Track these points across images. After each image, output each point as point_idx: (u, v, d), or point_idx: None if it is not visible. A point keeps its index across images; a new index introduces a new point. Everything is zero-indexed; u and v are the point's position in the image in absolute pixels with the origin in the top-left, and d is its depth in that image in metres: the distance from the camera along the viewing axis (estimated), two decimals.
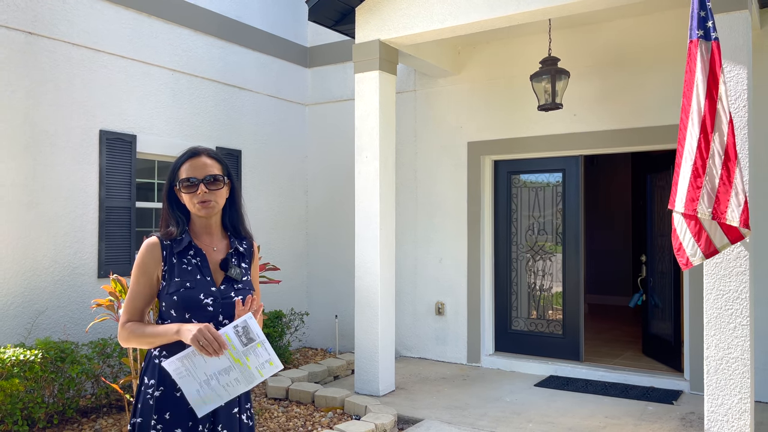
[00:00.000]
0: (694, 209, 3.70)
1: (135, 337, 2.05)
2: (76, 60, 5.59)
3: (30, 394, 4.44)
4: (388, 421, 4.65)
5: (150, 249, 2.10)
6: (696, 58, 3.67)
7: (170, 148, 6.40)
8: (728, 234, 3.74)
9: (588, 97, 6.22)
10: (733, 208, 3.66)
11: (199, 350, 1.89)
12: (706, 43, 3.73)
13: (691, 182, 3.70)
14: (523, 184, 6.81)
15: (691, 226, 3.78)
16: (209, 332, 1.90)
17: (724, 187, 3.69)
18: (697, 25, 3.76)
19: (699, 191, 3.69)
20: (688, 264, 3.84)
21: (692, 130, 3.72)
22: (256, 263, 2.31)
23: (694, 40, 3.73)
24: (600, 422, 4.87)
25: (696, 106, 3.73)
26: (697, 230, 3.77)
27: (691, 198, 3.71)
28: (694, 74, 3.68)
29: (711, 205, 3.66)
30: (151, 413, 2.00)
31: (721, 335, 4.21)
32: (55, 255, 5.40)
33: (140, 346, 2.06)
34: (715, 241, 3.75)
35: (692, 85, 3.71)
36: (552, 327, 6.63)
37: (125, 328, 2.07)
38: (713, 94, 3.70)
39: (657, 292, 6.54)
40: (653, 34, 5.91)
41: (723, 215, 3.65)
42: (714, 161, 3.71)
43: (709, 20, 3.74)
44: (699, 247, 3.79)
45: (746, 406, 4.11)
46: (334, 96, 7.93)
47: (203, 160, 2.14)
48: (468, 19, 5.22)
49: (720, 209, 3.66)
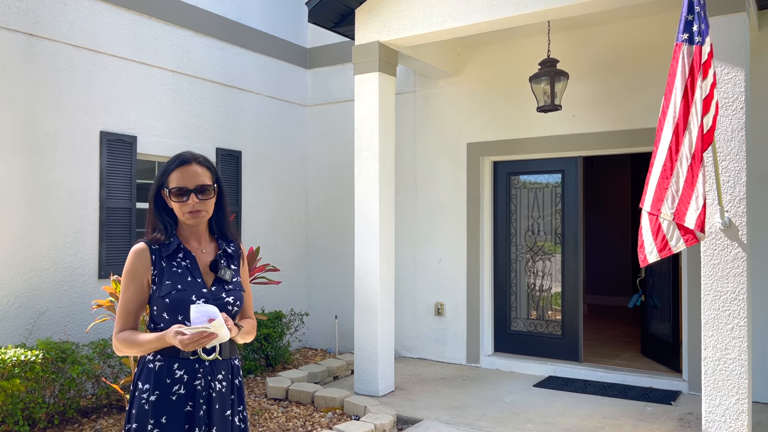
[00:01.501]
0: (659, 209, 3.74)
1: (128, 345, 2.05)
2: (77, 61, 5.61)
3: (31, 394, 4.46)
4: (387, 421, 4.67)
5: (138, 255, 2.10)
6: (678, 61, 3.70)
7: (170, 149, 6.41)
8: (684, 236, 3.77)
9: (587, 98, 6.24)
10: (692, 211, 3.69)
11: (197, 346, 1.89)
12: (689, 46, 3.74)
13: (659, 183, 3.74)
14: (522, 185, 6.83)
15: (652, 224, 3.81)
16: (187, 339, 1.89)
17: (687, 190, 3.72)
18: (683, 28, 3.77)
19: (665, 192, 3.73)
20: (645, 261, 3.88)
21: (666, 131, 3.75)
22: (245, 265, 2.32)
23: (678, 43, 3.75)
24: (598, 423, 4.90)
25: (672, 108, 3.75)
26: (657, 229, 3.81)
27: (658, 198, 3.74)
28: (675, 77, 3.71)
29: (674, 207, 3.69)
30: (147, 418, 2.00)
31: (719, 336, 4.23)
32: (55, 256, 5.42)
33: (134, 354, 2.06)
34: (671, 242, 3.78)
35: (672, 87, 3.74)
36: (551, 327, 6.65)
37: (118, 337, 2.08)
38: (689, 99, 3.72)
39: (656, 292, 6.56)
40: (651, 36, 5.93)
41: (683, 217, 3.68)
42: (681, 164, 3.73)
43: (695, 24, 3.76)
44: (655, 246, 3.83)
45: (744, 407, 4.13)
46: (333, 97, 7.95)
47: (194, 169, 2.13)
48: (467, 21, 5.24)
49: (681, 211, 3.69)
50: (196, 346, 1.90)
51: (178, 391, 2.02)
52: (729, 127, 4.22)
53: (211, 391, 2.06)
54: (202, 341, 1.90)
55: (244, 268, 2.28)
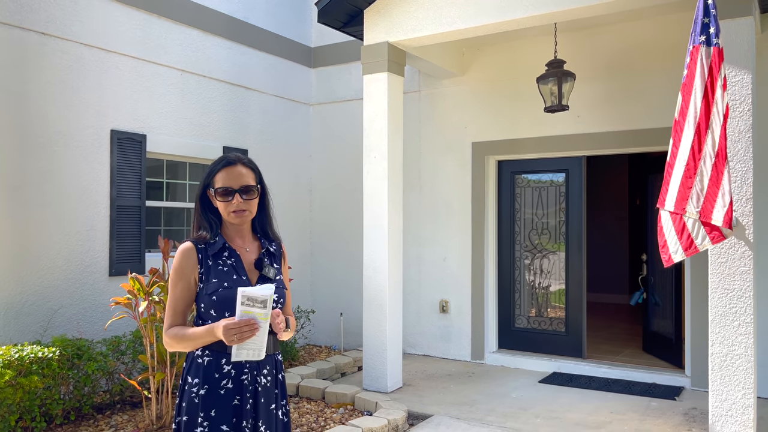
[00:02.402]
0: (683, 208, 3.83)
1: (177, 340, 2.12)
2: (88, 60, 5.64)
3: (47, 390, 4.50)
4: (399, 416, 4.74)
5: (186, 254, 2.17)
6: (696, 63, 3.79)
7: (179, 148, 6.46)
8: (710, 234, 3.87)
9: (591, 99, 6.33)
10: (718, 208, 3.79)
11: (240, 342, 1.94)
12: (707, 48, 3.84)
13: (682, 182, 3.83)
14: (526, 183, 6.92)
15: (676, 223, 3.91)
16: (233, 325, 1.93)
17: (713, 188, 3.81)
18: (700, 31, 3.87)
19: (689, 191, 3.82)
20: (670, 260, 3.98)
21: (687, 132, 3.84)
22: (286, 264, 2.39)
23: (696, 46, 3.84)
24: (606, 417, 4.99)
25: (693, 108, 3.85)
26: (681, 228, 3.90)
27: (682, 197, 3.83)
28: (694, 78, 3.80)
29: (699, 205, 3.79)
30: (198, 411, 2.07)
31: (726, 332, 4.34)
32: (68, 254, 5.46)
33: (183, 349, 2.13)
34: (696, 240, 3.88)
35: (691, 88, 3.83)
36: (555, 324, 6.75)
37: (168, 333, 2.14)
38: (710, 98, 3.82)
39: (657, 290, 6.67)
40: (656, 37, 6.03)
41: (709, 215, 3.77)
42: (705, 163, 3.83)
43: (712, 26, 3.85)
44: (681, 245, 3.92)
45: (750, 401, 4.24)
46: (338, 96, 8.01)
47: (239, 170, 2.20)
48: (477, 23, 5.31)
49: (707, 209, 3.79)
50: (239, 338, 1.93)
51: (226, 385, 2.09)
52: (736, 128, 4.31)
53: (257, 386, 2.13)
54: (244, 333, 1.93)
55: (285, 267, 2.35)
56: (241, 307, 1.96)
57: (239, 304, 1.95)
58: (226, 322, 1.96)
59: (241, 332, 1.93)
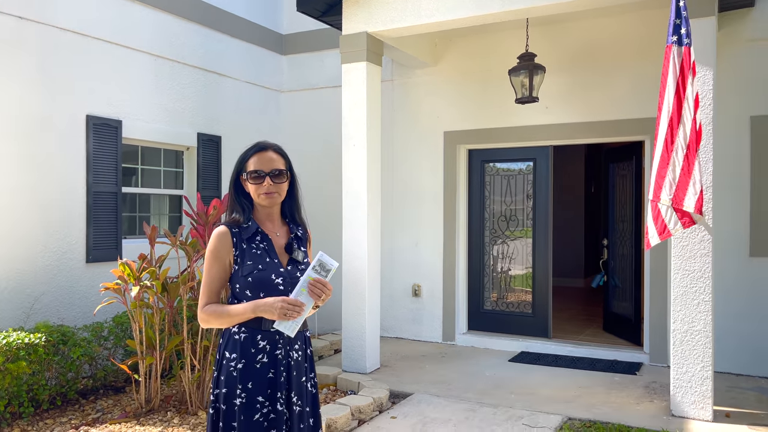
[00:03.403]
0: (658, 196, 4.14)
1: (216, 317, 2.25)
2: (64, 45, 5.57)
3: (34, 376, 4.50)
4: (383, 395, 4.94)
5: (221, 237, 2.29)
6: (669, 62, 4.08)
7: (154, 134, 6.44)
8: (682, 219, 4.19)
9: (559, 90, 6.61)
10: (690, 196, 4.11)
11: (284, 319, 2.11)
12: (679, 48, 4.14)
13: (658, 172, 4.14)
14: (496, 172, 7.18)
15: (653, 210, 4.22)
16: (288, 302, 2.13)
17: (684, 178, 4.13)
18: (673, 31, 4.16)
19: (663, 180, 4.13)
20: (648, 244, 4.29)
21: (662, 126, 4.15)
22: (311, 247, 2.54)
23: (669, 45, 4.13)
24: (575, 392, 5.31)
25: (666, 104, 4.15)
26: (657, 215, 4.22)
27: (657, 186, 4.15)
28: (667, 76, 4.10)
29: (672, 193, 4.10)
30: (236, 383, 2.21)
31: (686, 310, 4.68)
32: (46, 240, 5.41)
33: (220, 325, 2.27)
34: (669, 225, 4.20)
35: (665, 85, 4.13)
36: (522, 307, 7.06)
37: (204, 310, 2.27)
38: (681, 95, 4.12)
39: (617, 273, 7.06)
40: (621, 33, 6.34)
41: (681, 202, 4.10)
42: (677, 154, 4.14)
43: (683, 27, 4.15)
44: (656, 230, 4.24)
45: (708, 374, 4.60)
46: (310, 84, 8.08)
47: (270, 155, 2.34)
48: (455, 16, 5.49)
49: (679, 197, 4.11)
50: (288, 315, 2.11)
51: (261, 359, 2.23)
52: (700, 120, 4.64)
53: (290, 360, 2.28)
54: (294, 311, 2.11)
55: (309, 251, 2.49)
56: (311, 271, 2.15)
57: (311, 267, 2.14)
58: (281, 299, 2.13)
59: (292, 310, 2.10)
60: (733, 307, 5.83)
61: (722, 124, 5.75)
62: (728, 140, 5.80)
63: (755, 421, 4.58)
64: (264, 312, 2.15)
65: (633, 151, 6.67)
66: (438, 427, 4.47)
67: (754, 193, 5.76)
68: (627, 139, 6.53)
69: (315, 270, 2.19)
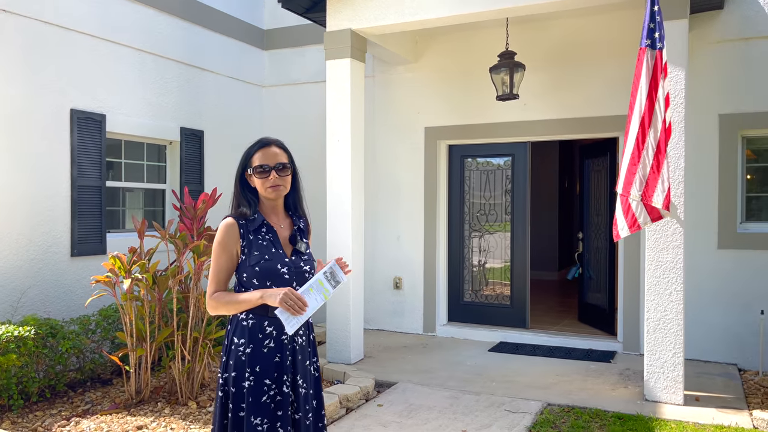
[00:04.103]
0: (629, 192, 4.35)
1: (223, 304, 2.36)
2: (48, 38, 5.56)
3: (23, 369, 4.53)
4: (369, 384, 5.07)
5: (229, 229, 2.40)
6: (642, 64, 4.28)
7: (138, 128, 6.46)
8: (650, 214, 4.40)
9: (537, 88, 6.80)
10: (658, 192, 4.32)
11: (286, 309, 2.22)
12: (652, 51, 4.33)
13: (629, 169, 4.34)
14: (475, 167, 7.36)
15: (623, 205, 4.42)
16: (294, 294, 2.24)
17: (653, 175, 4.34)
18: (647, 35, 4.35)
19: (634, 177, 4.33)
20: (617, 236, 4.50)
21: (634, 124, 4.35)
22: (311, 238, 2.66)
23: (642, 48, 4.32)
24: (553, 379, 5.52)
25: (638, 104, 4.34)
26: (627, 209, 4.43)
27: (628, 182, 4.35)
28: (640, 77, 4.29)
29: (641, 189, 4.31)
30: (245, 367, 2.32)
31: (659, 300, 4.91)
32: (31, 234, 5.42)
33: (228, 312, 2.37)
34: (639, 219, 4.41)
35: (637, 86, 4.32)
36: (500, 298, 7.26)
37: (213, 298, 2.38)
38: (653, 96, 4.32)
39: (592, 265, 7.30)
40: (596, 33, 6.54)
41: (650, 198, 4.31)
42: (647, 153, 4.35)
43: (657, 31, 4.34)
44: (626, 223, 4.45)
45: (679, 359, 4.84)
46: (291, 79, 8.15)
47: (273, 150, 2.46)
48: (438, 14, 5.63)
49: (648, 193, 4.32)
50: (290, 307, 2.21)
51: (268, 344, 2.35)
52: (671, 119, 4.85)
53: (295, 345, 2.40)
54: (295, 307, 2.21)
55: (310, 241, 2.61)
56: (321, 275, 2.26)
57: (321, 272, 2.24)
58: (287, 289, 2.24)
59: (295, 305, 2.21)
60: (702, 297, 6.09)
61: (692, 123, 6.00)
62: (698, 138, 6.05)
63: (723, 404, 4.82)
64: (268, 298, 2.26)
65: (607, 147, 6.90)
66: (423, 413, 4.62)
67: (722, 188, 6.03)
68: (602, 136, 6.75)
69: (325, 276, 2.31)
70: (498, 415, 4.57)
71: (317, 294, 2.28)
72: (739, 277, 5.97)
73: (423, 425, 4.39)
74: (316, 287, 2.29)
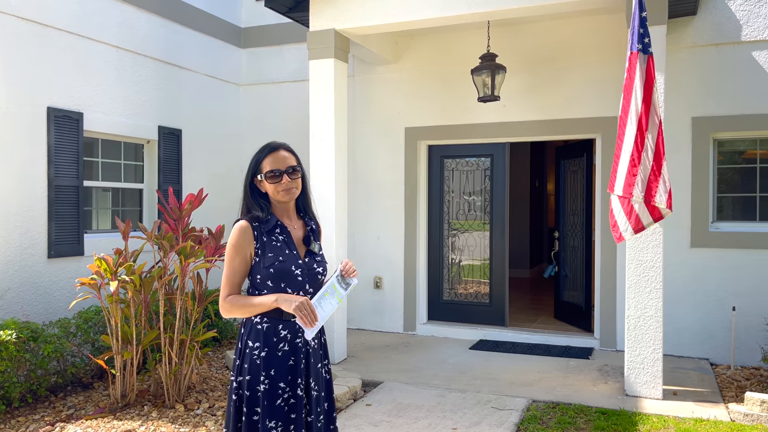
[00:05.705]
0: (630, 193, 4.45)
1: (238, 307, 2.35)
2: (25, 34, 5.42)
3: (5, 374, 4.42)
4: (357, 384, 5.09)
5: (243, 231, 2.40)
6: (635, 68, 4.39)
7: (116, 127, 6.35)
8: (652, 214, 4.53)
9: (516, 90, 6.90)
10: (661, 193, 4.44)
11: (299, 317, 2.23)
12: (644, 56, 4.45)
13: (629, 170, 4.44)
14: (455, 167, 7.43)
15: (624, 206, 4.53)
16: (309, 306, 2.24)
17: (654, 176, 4.46)
18: (637, 40, 4.46)
19: (635, 178, 4.44)
20: (621, 238, 4.60)
21: (630, 127, 4.45)
22: (321, 239, 2.67)
23: (634, 52, 4.43)
24: (535, 376, 5.62)
25: (634, 107, 4.45)
26: (629, 210, 4.53)
27: (628, 184, 4.45)
28: (633, 81, 4.40)
29: (644, 190, 4.42)
30: (260, 371, 2.32)
31: (639, 298, 5.05)
32: (7, 235, 5.28)
33: (242, 315, 2.37)
34: (642, 220, 4.53)
35: (631, 90, 4.43)
36: (480, 297, 7.36)
37: (227, 300, 2.37)
38: (649, 100, 4.44)
39: (568, 264, 7.45)
40: (575, 37, 6.68)
41: (653, 199, 4.43)
42: (647, 155, 4.46)
43: (647, 37, 4.46)
44: (630, 224, 4.56)
45: (659, 355, 4.99)
46: (270, 78, 8.10)
47: (282, 154, 2.47)
48: (421, 16, 5.67)
49: (650, 194, 4.43)
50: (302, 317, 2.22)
51: (283, 348, 2.35)
52: None
53: (309, 348, 2.41)
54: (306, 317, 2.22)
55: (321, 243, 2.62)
56: (334, 279, 2.26)
57: (335, 275, 2.24)
58: (304, 298, 2.25)
59: (307, 315, 2.22)
60: (675, 294, 6.28)
61: (667, 125, 6.17)
62: (673, 140, 6.23)
63: (700, 398, 4.99)
64: (283, 303, 2.27)
65: (584, 148, 7.05)
66: (413, 412, 4.66)
67: (695, 188, 6.22)
68: (580, 137, 6.90)
69: (338, 279, 2.34)
70: (486, 413, 4.65)
71: (332, 298, 2.31)
72: (710, 275, 6.17)
73: (413, 424, 4.43)
74: (330, 291, 2.31)
